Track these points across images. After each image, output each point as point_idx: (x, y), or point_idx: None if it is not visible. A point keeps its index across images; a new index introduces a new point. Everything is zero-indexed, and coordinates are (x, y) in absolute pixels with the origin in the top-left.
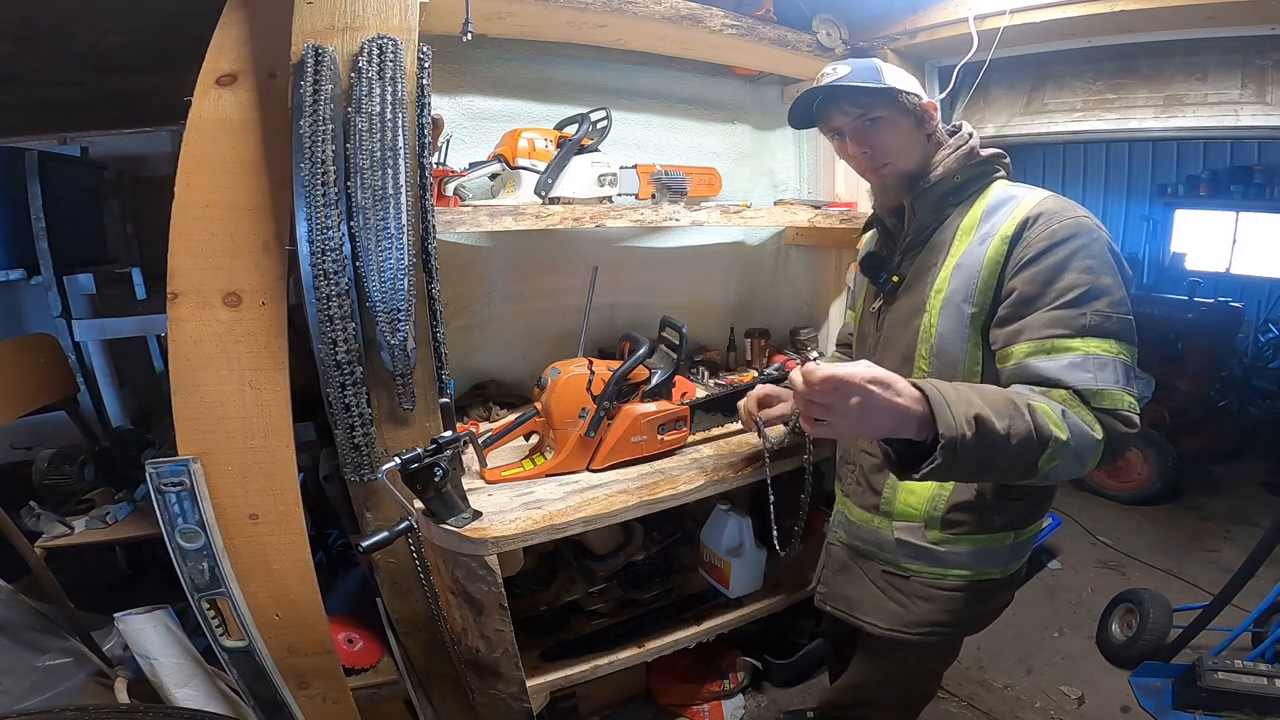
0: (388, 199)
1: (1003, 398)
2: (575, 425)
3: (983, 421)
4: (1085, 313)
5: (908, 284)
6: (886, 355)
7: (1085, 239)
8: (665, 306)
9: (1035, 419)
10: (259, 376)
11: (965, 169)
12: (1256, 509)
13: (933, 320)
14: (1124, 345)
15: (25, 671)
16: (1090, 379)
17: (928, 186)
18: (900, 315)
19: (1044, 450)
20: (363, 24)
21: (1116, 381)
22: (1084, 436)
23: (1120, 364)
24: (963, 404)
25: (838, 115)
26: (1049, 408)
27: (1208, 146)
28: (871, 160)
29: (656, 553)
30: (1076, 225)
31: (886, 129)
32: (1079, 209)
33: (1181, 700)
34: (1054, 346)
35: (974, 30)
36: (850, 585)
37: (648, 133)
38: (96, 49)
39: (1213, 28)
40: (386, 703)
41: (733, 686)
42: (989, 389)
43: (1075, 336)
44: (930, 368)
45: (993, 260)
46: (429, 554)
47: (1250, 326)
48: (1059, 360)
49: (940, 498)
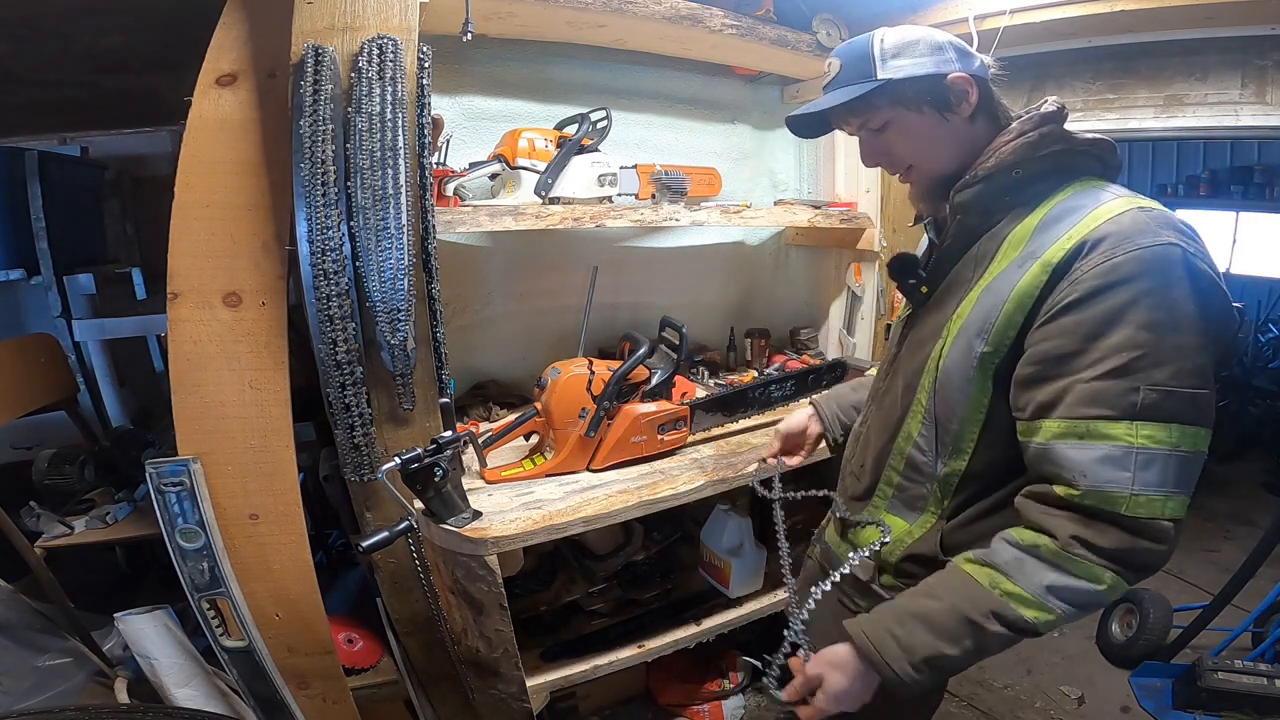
0: (388, 199)
1: (955, 618)
2: (575, 425)
3: (934, 661)
4: (1138, 386)
5: (938, 298)
6: (897, 377)
7: (1156, 280)
8: (665, 306)
9: (1006, 618)
10: (259, 376)
11: (1032, 161)
12: (1256, 509)
13: (944, 349)
14: (1185, 430)
15: (25, 671)
16: (1125, 481)
17: (974, 181)
18: (920, 334)
19: (1036, 632)
20: (363, 24)
21: (1162, 484)
22: (1084, 598)
23: (1176, 458)
24: (905, 654)
25: (841, 124)
26: (1023, 590)
27: (1208, 146)
28: (889, 168)
29: (656, 553)
30: (1148, 259)
31: (894, 132)
32: (1165, 231)
33: (1181, 700)
34: (1089, 430)
35: (974, 30)
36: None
37: (648, 133)
38: (96, 49)
39: (1213, 28)
40: (386, 703)
41: (732, 686)
42: (940, 609)
43: (1120, 419)
44: (930, 404)
45: (1024, 292)
46: (429, 554)
47: (1250, 326)
48: (1092, 450)
49: (900, 544)
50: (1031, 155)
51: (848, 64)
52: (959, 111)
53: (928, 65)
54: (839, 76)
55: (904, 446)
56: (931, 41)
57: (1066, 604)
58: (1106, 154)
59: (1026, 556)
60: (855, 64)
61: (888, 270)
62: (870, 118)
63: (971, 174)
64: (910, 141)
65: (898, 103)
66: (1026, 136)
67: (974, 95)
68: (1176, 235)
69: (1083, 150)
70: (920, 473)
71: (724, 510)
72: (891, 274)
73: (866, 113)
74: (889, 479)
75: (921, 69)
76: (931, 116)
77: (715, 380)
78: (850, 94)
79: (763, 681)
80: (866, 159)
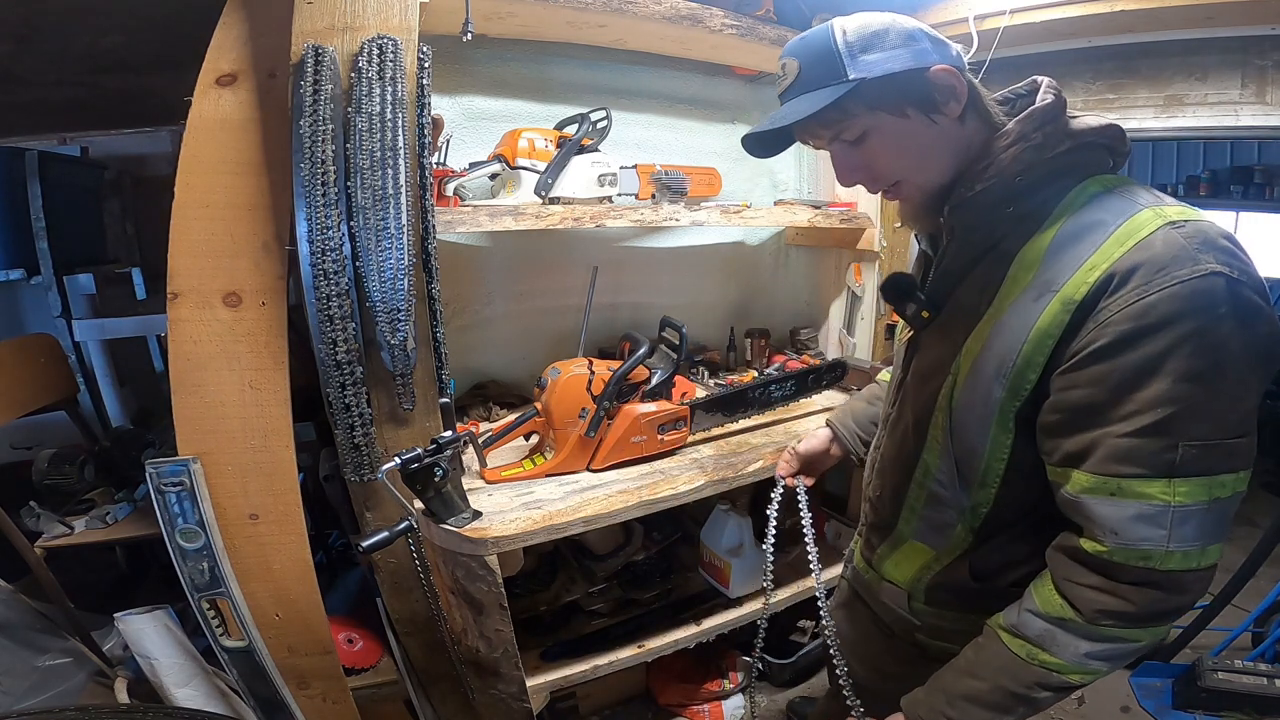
0: (388, 199)
1: (999, 693)
2: (575, 425)
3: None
4: (1176, 444)
5: (941, 323)
6: (906, 408)
7: (1197, 321)
8: (665, 306)
9: (1051, 685)
10: (259, 376)
11: (1035, 166)
12: (1256, 509)
13: (956, 386)
14: (1226, 479)
15: (25, 671)
16: (1160, 539)
17: (971, 193)
18: (924, 365)
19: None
20: (363, 24)
21: (1200, 538)
22: (1122, 656)
23: (1215, 510)
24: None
25: (808, 138)
26: (1062, 661)
27: (1208, 146)
28: (872, 185)
29: (656, 553)
30: (1190, 295)
31: (876, 142)
32: (1205, 256)
33: (1181, 700)
34: (1120, 489)
35: (974, 30)
36: (848, 622)
37: (648, 133)
38: (96, 49)
39: (1213, 28)
40: (386, 703)
41: (732, 686)
42: (983, 685)
43: (1155, 478)
44: (947, 444)
45: (1044, 332)
46: (429, 554)
47: None
48: (1124, 508)
49: (929, 570)
50: (1036, 160)
51: (807, 64)
52: (947, 111)
53: (904, 58)
54: (798, 80)
55: (924, 480)
56: (901, 29)
57: (1106, 662)
58: (1114, 141)
59: (1056, 630)
60: (817, 63)
61: (882, 294)
62: (844, 128)
63: (968, 186)
64: (895, 152)
65: (876, 107)
66: (1029, 139)
67: (962, 90)
68: (1217, 258)
69: (1090, 143)
70: (944, 505)
71: (724, 510)
72: (887, 298)
73: (839, 122)
74: (912, 508)
75: (899, 63)
76: (917, 120)
77: (715, 380)
78: (818, 101)
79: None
80: (843, 176)
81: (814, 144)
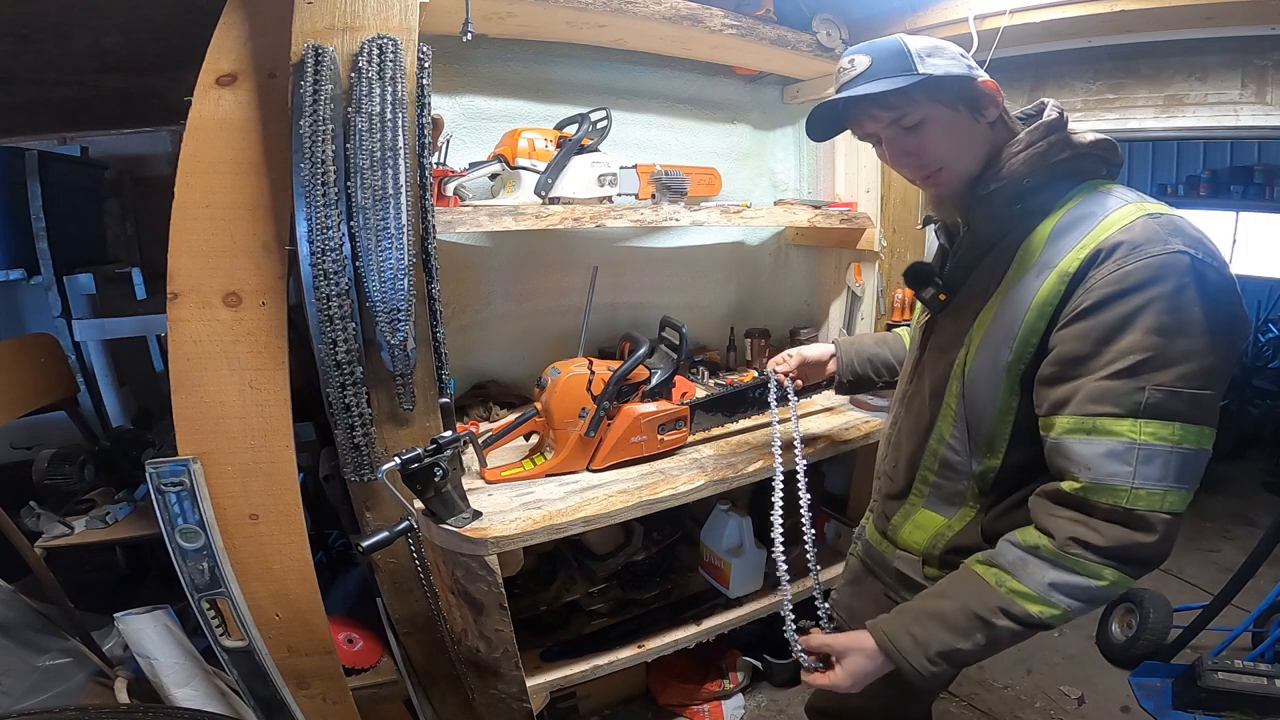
0: (388, 199)
1: (965, 615)
2: (575, 425)
3: (948, 655)
4: (1144, 386)
5: (956, 306)
6: (924, 381)
7: (1167, 286)
8: (665, 306)
9: (1013, 614)
10: (259, 376)
11: (1040, 171)
12: (1256, 509)
13: (969, 356)
14: (1188, 428)
15: (25, 671)
16: (1126, 475)
17: (986, 194)
18: (941, 341)
19: (1044, 627)
20: (363, 24)
21: (1163, 479)
22: (1087, 594)
23: (1178, 455)
24: (921, 650)
25: (867, 121)
26: (1028, 588)
27: (1208, 146)
28: (918, 169)
29: (656, 553)
30: (1159, 266)
31: (929, 131)
32: (1175, 239)
33: (1181, 700)
34: (1095, 427)
35: (974, 30)
36: (856, 598)
37: (648, 133)
38: (96, 49)
39: (1213, 28)
40: (386, 703)
41: (732, 686)
42: (951, 606)
43: (1125, 416)
44: (960, 410)
45: (1043, 301)
46: (429, 554)
47: (1250, 326)
48: (1097, 445)
49: (942, 537)
50: (1041, 165)
51: (879, 60)
52: (987, 115)
53: (961, 67)
54: (869, 71)
55: (937, 448)
56: (955, 49)
57: (1069, 599)
58: (1108, 153)
59: (1029, 556)
60: (889, 60)
61: (904, 279)
62: (907, 113)
63: (984, 186)
64: (946, 141)
65: (937, 99)
66: (1035, 147)
67: (1000, 100)
68: (1184, 242)
69: (1084, 155)
70: (955, 471)
71: (724, 510)
72: (909, 283)
73: (904, 107)
74: (924, 478)
75: (957, 69)
76: (965, 117)
77: (715, 380)
78: (893, 84)
79: (784, 632)
80: (895, 158)
81: (867, 128)
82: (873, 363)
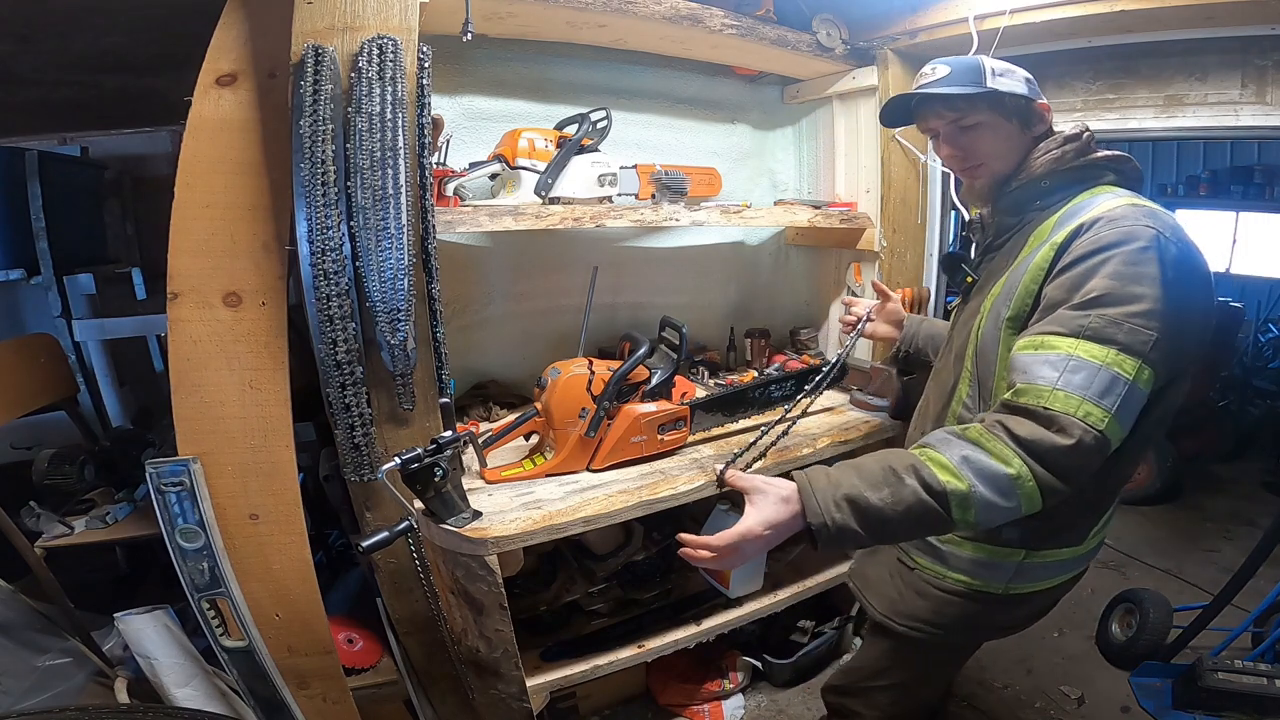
0: (388, 199)
1: (881, 468)
2: (575, 425)
3: (854, 500)
4: (1090, 314)
5: (979, 286)
6: (950, 353)
7: (1128, 246)
8: (665, 306)
9: (922, 478)
10: (259, 376)
11: (1055, 174)
12: (1256, 509)
13: (982, 321)
14: (1127, 357)
15: (25, 671)
16: (1052, 379)
17: (1010, 190)
18: (965, 316)
19: (947, 503)
20: (363, 24)
21: (1086, 388)
22: (992, 478)
23: (1107, 374)
24: (831, 488)
25: (932, 118)
26: (945, 458)
27: (1208, 146)
28: (962, 162)
29: (656, 553)
30: (1126, 232)
31: (982, 134)
32: (1147, 219)
33: (1181, 700)
34: (1042, 343)
35: (974, 30)
36: (870, 565)
37: (648, 133)
38: (97, 49)
39: (1213, 28)
40: (386, 703)
41: (732, 687)
42: (873, 462)
43: (1068, 335)
44: (974, 367)
45: (1038, 266)
46: (429, 554)
47: (1250, 326)
48: (1038, 356)
49: None
50: (1056, 169)
51: (957, 70)
52: (1034, 130)
53: (1024, 89)
54: (947, 78)
55: (955, 408)
56: (1024, 74)
57: (975, 477)
58: (1120, 164)
59: (953, 437)
60: (965, 72)
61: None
62: (968, 115)
63: (1009, 185)
64: (994, 143)
65: (997, 109)
66: (1051, 154)
67: (1049, 121)
68: (1155, 222)
69: (1095, 162)
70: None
71: (724, 510)
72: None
73: (969, 110)
74: None
75: (1021, 89)
76: (1016, 127)
77: (715, 380)
78: (968, 89)
79: (717, 468)
80: (944, 149)
81: (931, 123)
82: (933, 340)
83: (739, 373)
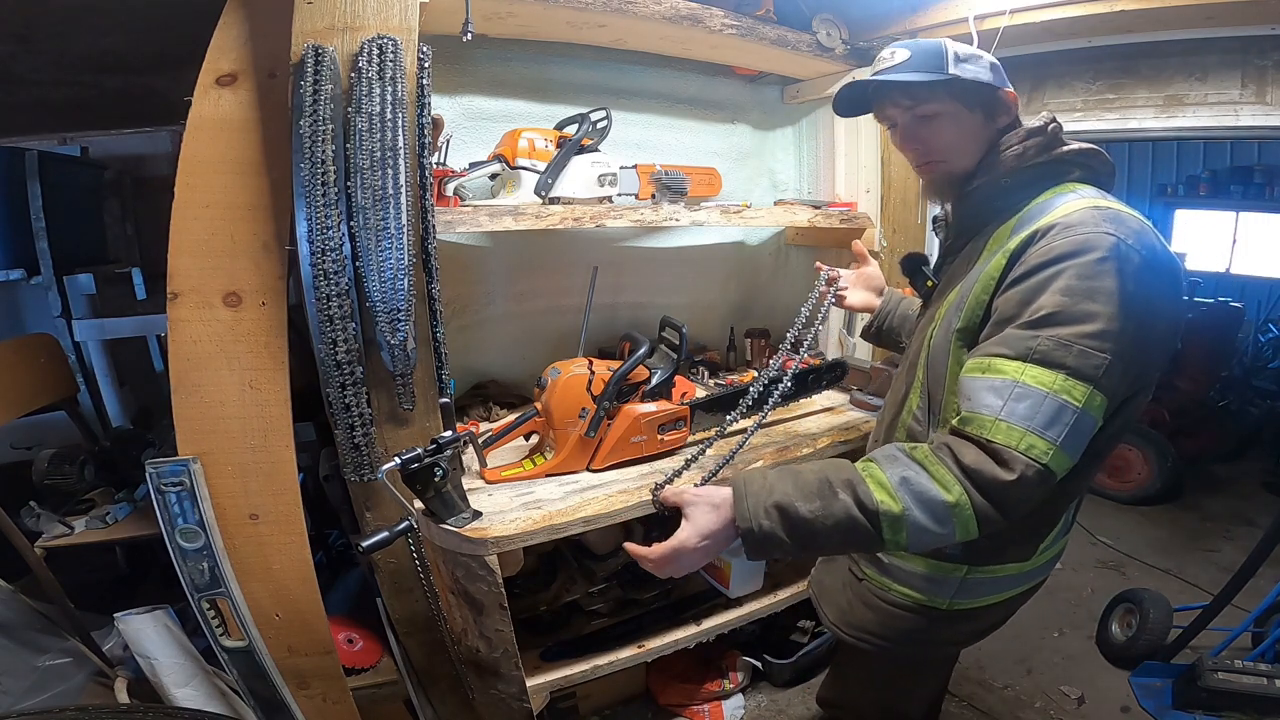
0: (388, 199)
1: (818, 479)
2: (575, 425)
3: (784, 509)
4: (1039, 336)
5: (939, 291)
6: (905, 360)
7: (1083, 257)
8: (665, 306)
9: (857, 495)
10: (259, 376)
11: (1015, 172)
12: (1256, 509)
13: (934, 330)
14: (1076, 383)
15: (25, 671)
16: (995, 408)
17: (969, 190)
18: (924, 323)
19: (878, 523)
20: (363, 24)
21: (1030, 419)
22: (929, 503)
23: (1054, 403)
24: (765, 494)
25: (890, 107)
26: (885, 477)
27: (1208, 146)
28: (921, 155)
29: None
30: (1082, 242)
31: (942, 125)
32: (1108, 224)
33: (1181, 700)
34: (989, 366)
35: (974, 30)
36: (827, 573)
37: (648, 133)
38: (97, 49)
39: (1213, 28)
40: (386, 703)
41: (732, 687)
42: (811, 472)
43: (1014, 359)
44: (924, 378)
45: (989, 275)
46: (429, 554)
47: (1250, 326)
48: (984, 381)
49: None
50: (1018, 166)
51: (917, 55)
52: (998, 121)
53: (988, 76)
54: (906, 63)
55: (905, 419)
56: (990, 60)
57: (912, 499)
58: (1090, 159)
59: (900, 455)
60: (926, 57)
61: (901, 268)
62: (927, 104)
63: (970, 183)
64: (954, 135)
65: (958, 98)
66: (1013, 149)
67: (1015, 111)
68: (1117, 229)
69: (1062, 158)
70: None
71: None
72: (904, 271)
73: (927, 98)
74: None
75: (985, 76)
76: (979, 118)
77: (715, 380)
78: (923, 76)
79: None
80: (904, 142)
81: (888, 111)
82: (907, 322)
83: (739, 373)
